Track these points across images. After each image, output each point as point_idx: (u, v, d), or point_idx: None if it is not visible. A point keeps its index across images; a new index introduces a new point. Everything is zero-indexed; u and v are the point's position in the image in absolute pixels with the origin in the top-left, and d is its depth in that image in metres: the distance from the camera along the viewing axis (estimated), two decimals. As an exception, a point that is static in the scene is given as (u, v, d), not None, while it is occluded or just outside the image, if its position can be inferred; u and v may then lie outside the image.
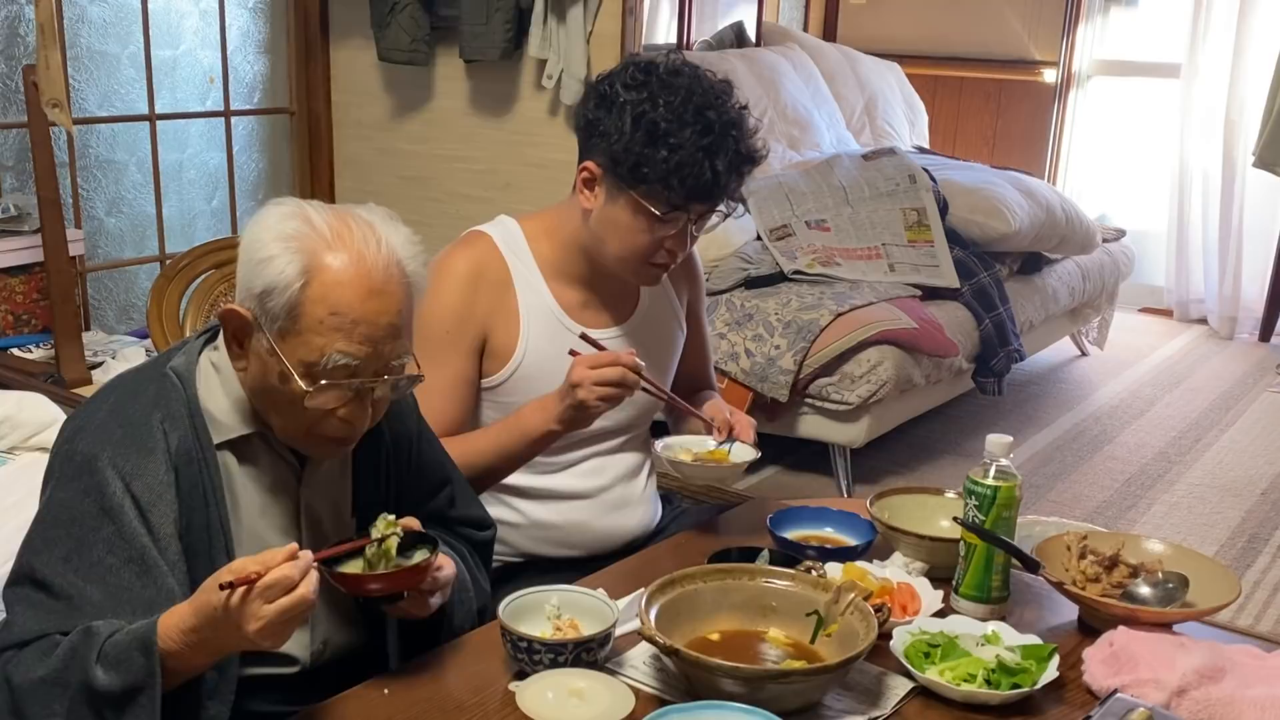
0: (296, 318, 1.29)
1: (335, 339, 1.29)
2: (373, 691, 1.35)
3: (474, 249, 1.85)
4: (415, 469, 1.56)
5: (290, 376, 1.30)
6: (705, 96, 1.72)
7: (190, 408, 1.36)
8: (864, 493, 3.02)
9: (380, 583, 1.35)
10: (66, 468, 1.33)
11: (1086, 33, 5.93)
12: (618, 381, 1.68)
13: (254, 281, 1.30)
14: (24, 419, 2.40)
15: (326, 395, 1.31)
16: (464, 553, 1.59)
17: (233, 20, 4.18)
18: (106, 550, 1.29)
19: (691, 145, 1.68)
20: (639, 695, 1.34)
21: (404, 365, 1.36)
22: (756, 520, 1.82)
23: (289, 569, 1.19)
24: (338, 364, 1.30)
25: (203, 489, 1.34)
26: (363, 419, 1.36)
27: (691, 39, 5.30)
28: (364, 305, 1.30)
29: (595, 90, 1.78)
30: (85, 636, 1.23)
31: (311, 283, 1.29)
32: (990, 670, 1.38)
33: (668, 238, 1.77)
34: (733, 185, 1.75)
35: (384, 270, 1.31)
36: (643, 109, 1.70)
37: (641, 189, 1.72)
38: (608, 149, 1.73)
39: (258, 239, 1.31)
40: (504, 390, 1.85)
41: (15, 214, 3.39)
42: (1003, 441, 1.55)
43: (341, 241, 1.31)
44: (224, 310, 1.34)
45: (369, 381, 1.33)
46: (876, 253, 3.93)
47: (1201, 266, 5.73)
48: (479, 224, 1.92)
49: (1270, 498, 3.72)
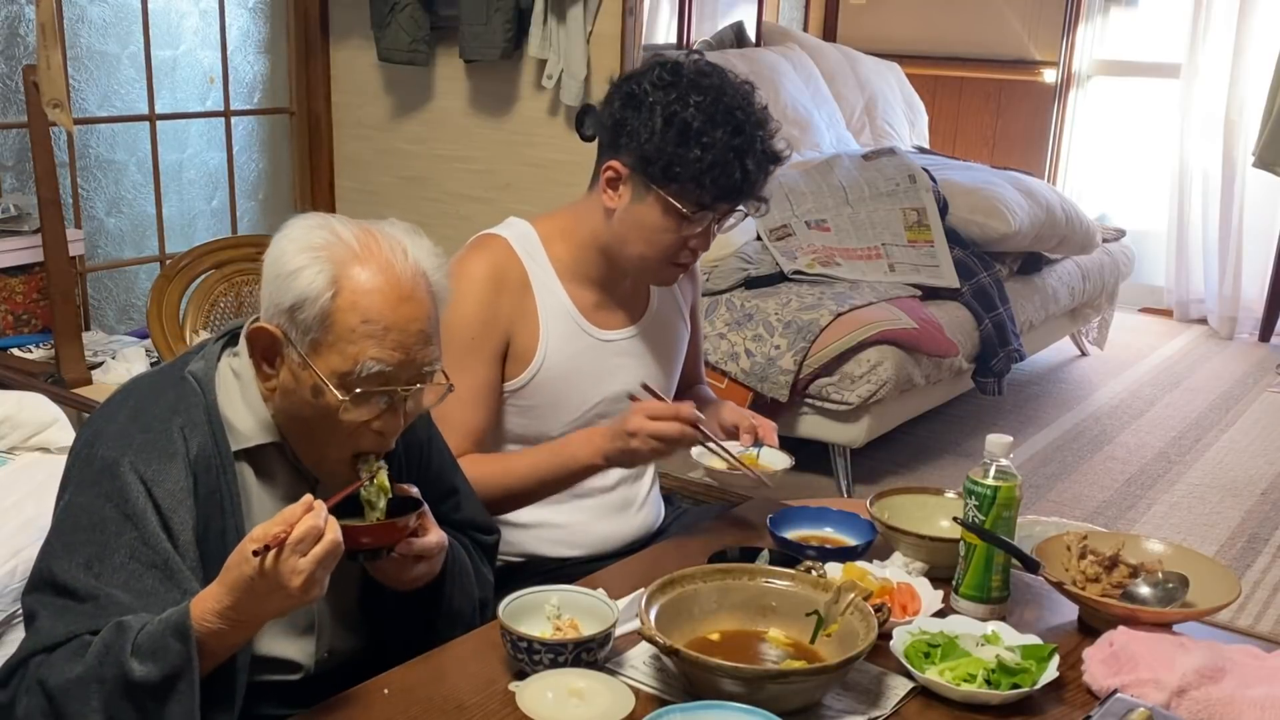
0: (328, 328, 1.29)
1: (368, 346, 1.29)
2: (373, 691, 1.35)
3: (490, 253, 1.84)
4: (425, 476, 1.56)
5: (324, 389, 1.30)
6: (734, 97, 1.73)
7: (210, 414, 1.36)
8: (864, 493, 3.02)
9: (369, 535, 1.34)
10: (86, 472, 1.33)
11: (1086, 33, 5.93)
12: (674, 438, 1.69)
13: (283, 296, 1.30)
14: (24, 419, 2.39)
15: (361, 407, 1.32)
16: (468, 545, 1.60)
17: (233, 20, 4.18)
18: (129, 555, 1.29)
19: (723, 145, 1.69)
20: (639, 695, 1.34)
21: (435, 373, 1.37)
22: (756, 520, 1.82)
23: (314, 519, 1.22)
24: (371, 371, 1.30)
25: (220, 496, 1.35)
26: (395, 430, 1.36)
27: (691, 39, 5.30)
28: (395, 312, 1.30)
29: (621, 90, 1.78)
30: (118, 631, 1.24)
31: (342, 292, 1.29)
32: (990, 670, 1.38)
33: (692, 237, 1.77)
34: (760, 185, 1.76)
35: (412, 279, 1.32)
36: (674, 109, 1.70)
37: (673, 188, 1.72)
38: (637, 148, 1.73)
39: (283, 253, 1.32)
40: (525, 394, 1.85)
41: (15, 214, 3.39)
42: (1003, 441, 1.55)
43: (369, 252, 1.31)
44: (251, 329, 1.34)
45: (404, 390, 1.33)
46: (876, 253, 3.93)
47: (1201, 266, 5.73)
48: (479, 224, 1.92)
49: (1270, 498, 3.72)
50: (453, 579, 1.51)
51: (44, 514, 2.11)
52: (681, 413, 1.69)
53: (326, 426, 1.33)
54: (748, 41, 5.28)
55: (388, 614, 1.50)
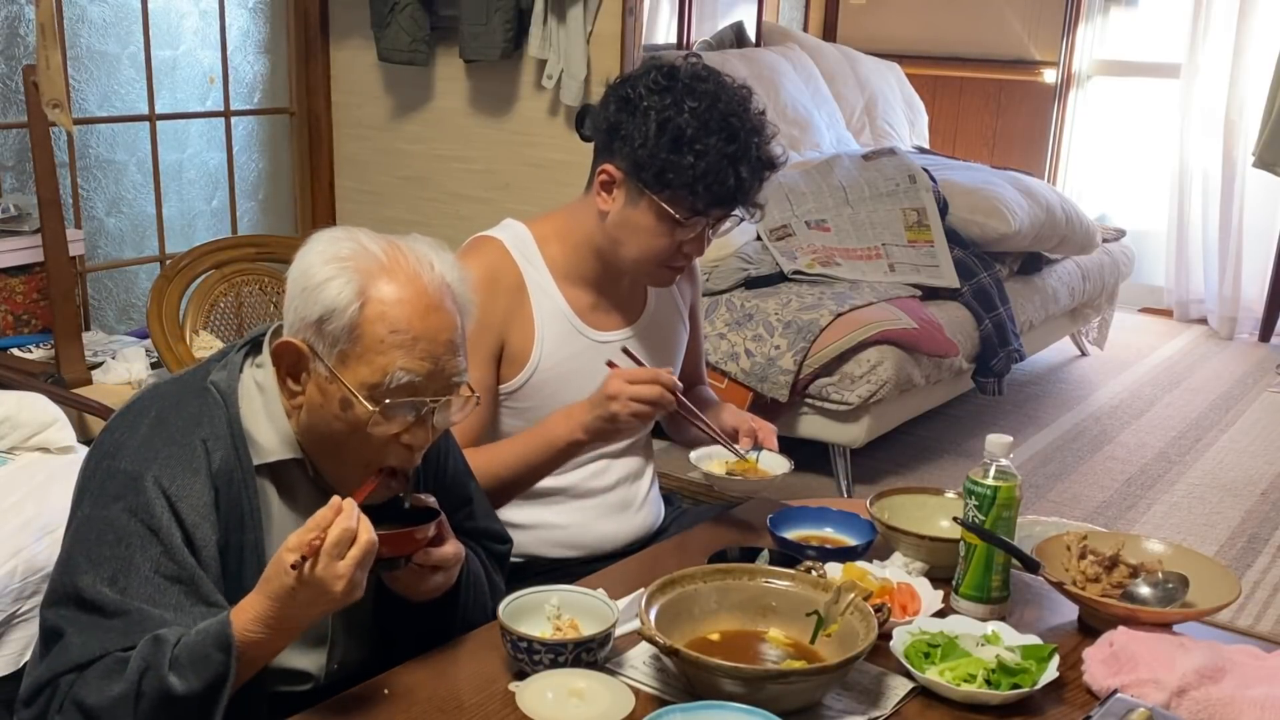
0: (356, 339, 1.29)
1: (397, 356, 1.29)
2: (373, 691, 1.35)
3: (485, 255, 1.84)
4: (442, 485, 1.56)
5: (353, 402, 1.30)
6: (730, 103, 1.72)
7: (232, 427, 1.35)
8: (864, 493, 3.02)
9: (387, 544, 1.32)
10: (108, 485, 1.32)
11: (1086, 33, 5.93)
12: (654, 400, 1.68)
13: (309, 309, 1.30)
14: (24, 419, 2.39)
15: (391, 419, 1.31)
16: (482, 556, 1.59)
17: (233, 20, 4.18)
18: (154, 569, 1.28)
19: (717, 152, 1.68)
20: (639, 695, 1.34)
21: (462, 385, 1.36)
22: (756, 520, 1.82)
23: (346, 520, 1.23)
24: (401, 382, 1.29)
25: (241, 511, 1.34)
26: (424, 444, 1.35)
27: (691, 39, 5.30)
28: (424, 322, 1.30)
29: (616, 93, 1.77)
30: (155, 645, 1.24)
31: (370, 302, 1.29)
32: (990, 670, 1.38)
33: (685, 242, 1.77)
34: (754, 192, 1.75)
35: (438, 290, 1.32)
36: (668, 114, 1.70)
37: (665, 194, 1.72)
38: (631, 153, 1.72)
39: (309, 266, 1.31)
40: (520, 396, 1.85)
41: (15, 214, 3.39)
42: (1003, 441, 1.55)
43: (395, 264, 1.31)
44: (278, 345, 1.33)
45: (433, 401, 1.32)
46: (876, 253, 3.93)
47: (1201, 266, 5.73)
48: (478, 224, 1.92)
49: (1270, 498, 3.72)
50: (467, 590, 1.50)
51: (44, 514, 2.12)
52: (661, 376, 1.68)
53: (354, 442, 1.33)
54: (748, 41, 5.28)
55: (402, 626, 1.49)
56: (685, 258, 1.81)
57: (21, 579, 2.06)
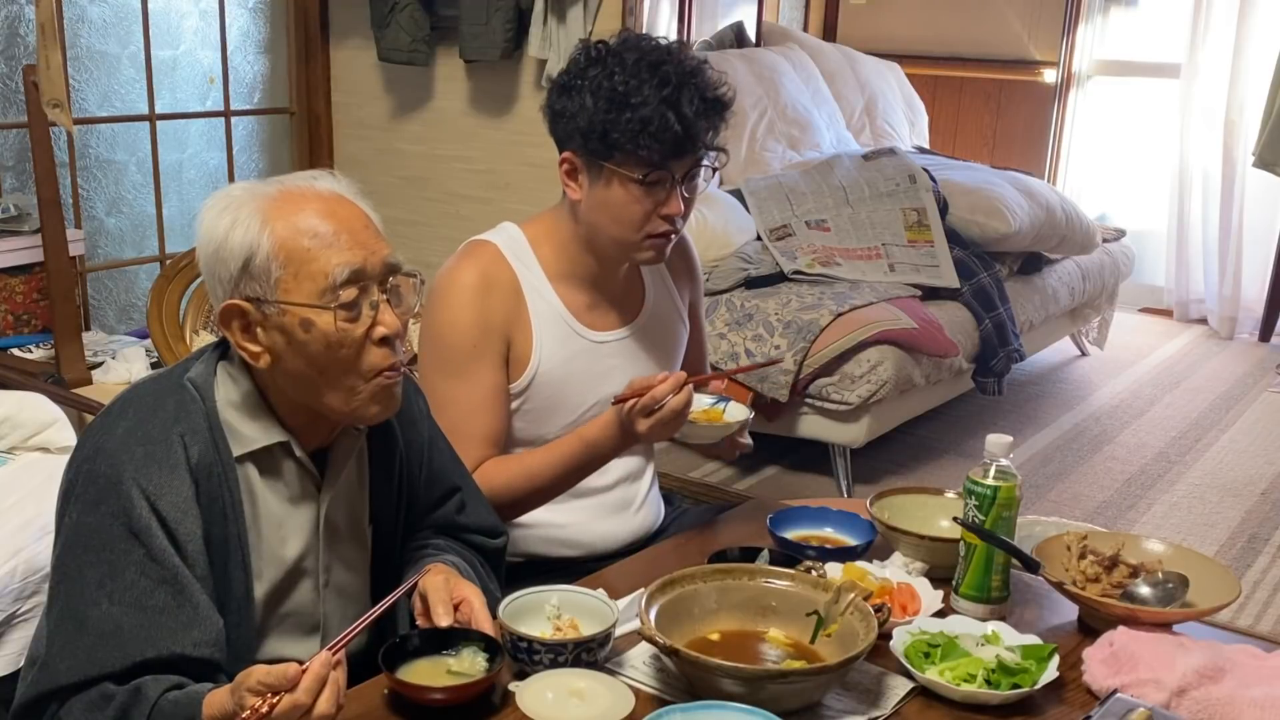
0: (285, 262, 1.31)
1: (329, 255, 1.32)
2: (373, 691, 1.35)
3: (479, 259, 1.83)
4: (427, 476, 1.56)
5: (311, 317, 1.31)
6: (658, 54, 1.73)
7: (210, 420, 1.36)
8: (864, 493, 3.02)
9: (444, 694, 1.30)
10: (89, 490, 1.32)
11: (1086, 33, 5.93)
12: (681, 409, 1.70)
13: (230, 264, 1.33)
14: (24, 419, 2.40)
15: (354, 312, 1.33)
16: (475, 562, 1.59)
17: (233, 20, 4.18)
18: (139, 573, 1.29)
19: (654, 99, 1.69)
20: (639, 695, 1.34)
21: (402, 269, 1.38)
22: (756, 520, 1.82)
23: (300, 698, 1.16)
24: (344, 277, 1.32)
25: (222, 503, 1.35)
26: (396, 324, 1.36)
27: (691, 39, 5.30)
28: (335, 218, 1.34)
29: (556, 84, 1.79)
30: (136, 697, 1.25)
31: (278, 225, 1.32)
32: (990, 670, 1.38)
33: (659, 203, 1.76)
34: (705, 134, 1.75)
35: (331, 192, 1.37)
36: (599, 81, 1.71)
37: (617, 157, 1.72)
38: (577, 130, 1.74)
39: (209, 229, 1.34)
40: (523, 398, 1.85)
41: (15, 214, 3.39)
42: (1003, 441, 1.55)
43: (284, 189, 1.36)
44: (220, 313, 1.34)
45: (383, 288, 1.35)
46: (876, 253, 3.93)
47: (1201, 266, 5.73)
48: (479, 224, 1.92)
49: (1270, 498, 3.72)
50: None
51: (44, 514, 2.12)
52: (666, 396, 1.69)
53: (334, 361, 1.33)
54: (748, 41, 5.28)
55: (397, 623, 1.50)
56: (666, 221, 1.78)
57: (22, 579, 2.06)
